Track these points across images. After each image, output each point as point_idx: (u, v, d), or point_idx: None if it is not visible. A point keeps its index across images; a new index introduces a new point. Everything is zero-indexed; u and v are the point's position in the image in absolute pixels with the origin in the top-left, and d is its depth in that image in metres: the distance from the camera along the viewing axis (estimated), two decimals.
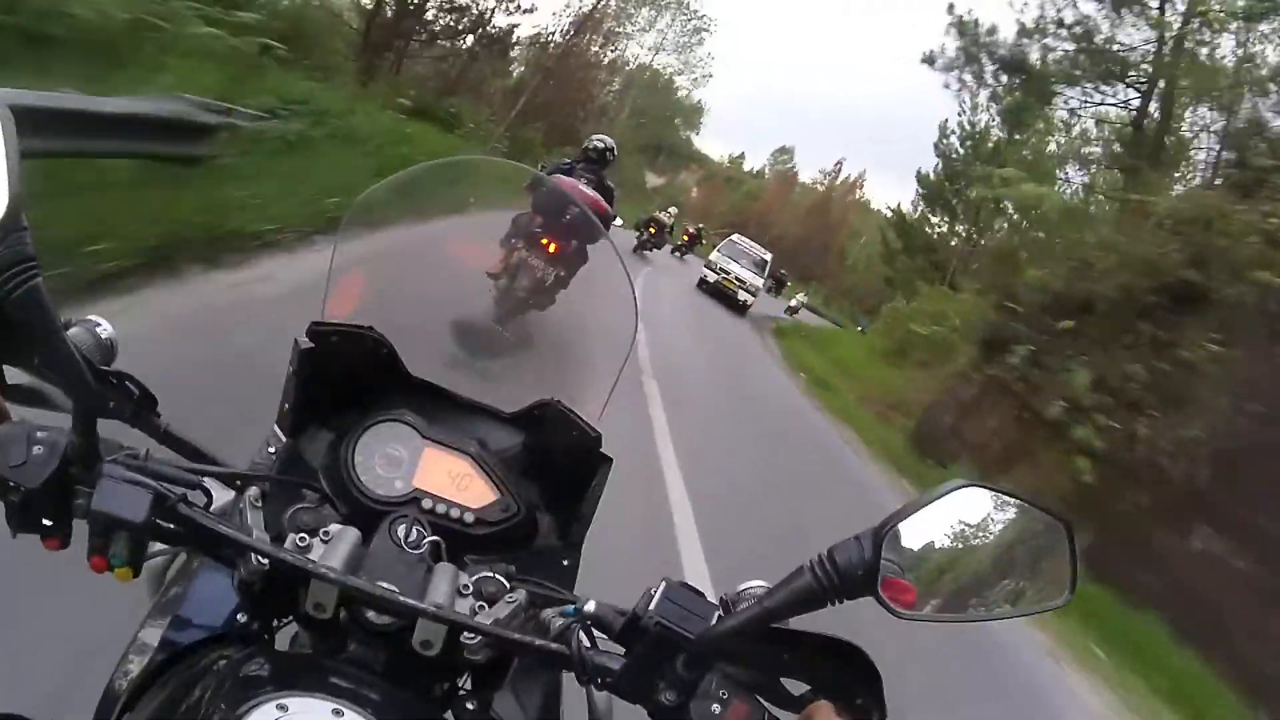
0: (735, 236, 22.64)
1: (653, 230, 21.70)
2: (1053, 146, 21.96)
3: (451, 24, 18.85)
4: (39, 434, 0.59)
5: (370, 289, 0.92)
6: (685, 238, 25.12)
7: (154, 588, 0.78)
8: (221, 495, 0.69)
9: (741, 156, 61.50)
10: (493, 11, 19.24)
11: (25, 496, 0.58)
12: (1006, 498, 0.59)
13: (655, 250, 22.09)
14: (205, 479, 0.66)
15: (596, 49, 27.39)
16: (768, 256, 21.87)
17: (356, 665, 0.64)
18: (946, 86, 18.94)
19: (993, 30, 17.08)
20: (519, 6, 19.69)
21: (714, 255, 20.79)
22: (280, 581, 0.64)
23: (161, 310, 3.71)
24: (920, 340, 16.11)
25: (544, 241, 4.16)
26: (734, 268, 19.93)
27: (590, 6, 24.15)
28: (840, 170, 56.83)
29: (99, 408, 0.60)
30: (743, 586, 0.64)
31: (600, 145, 6.29)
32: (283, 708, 0.53)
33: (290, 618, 0.70)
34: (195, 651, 0.66)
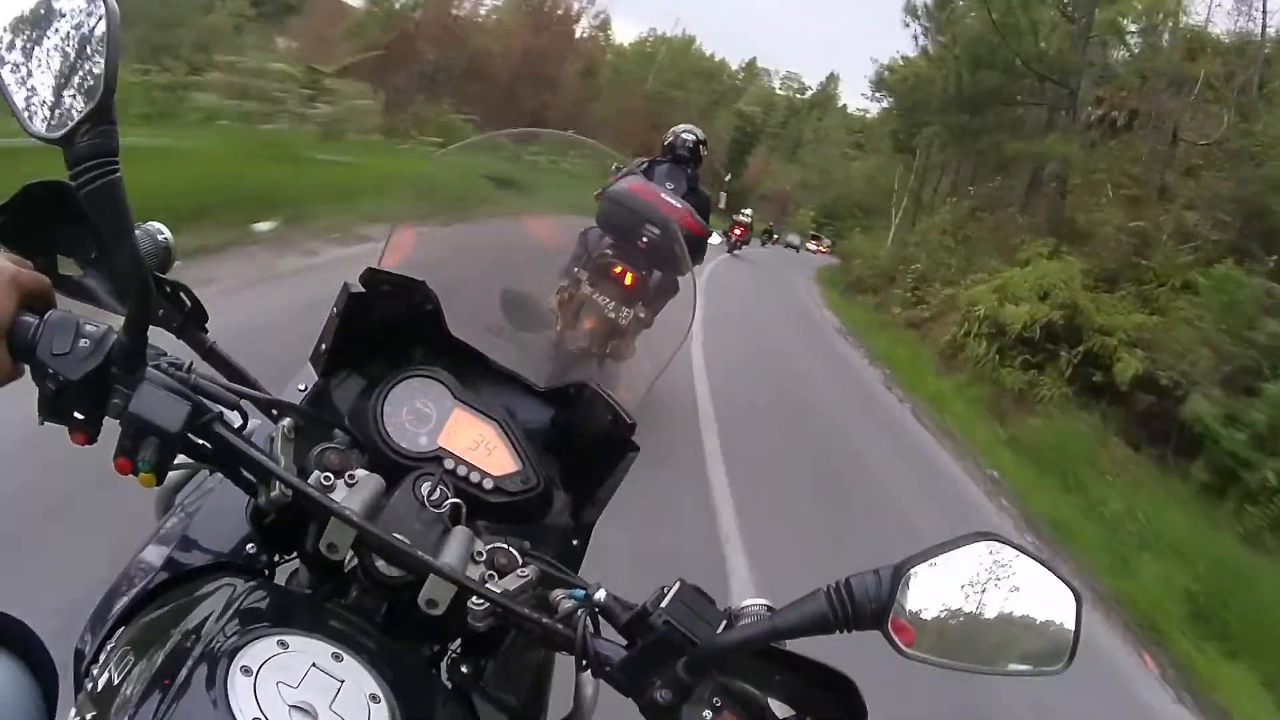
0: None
1: (737, 232, 24.38)
2: None
3: None
4: (88, 327, 0.59)
5: (426, 245, 0.92)
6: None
7: (163, 506, 0.78)
8: (254, 423, 0.69)
9: None
10: None
11: (62, 386, 0.58)
12: (1024, 558, 0.60)
13: (745, 248, 25.09)
14: (243, 401, 0.67)
15: None
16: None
17: (357, 613, 0.64)
18: None
19: None
20: None
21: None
22: (295, 517, 0.64)
23: None
24: None
25: (616, 270, 3.36)
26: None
27: None
28: None
29: (151, 314, 0.60)
30: (746, 603, 0.64)
31: (691, 138, 4.76)
32: (283, 644, 0.53)
33: (294, 555, 0.70)
34: (199, 575, 0.66)
